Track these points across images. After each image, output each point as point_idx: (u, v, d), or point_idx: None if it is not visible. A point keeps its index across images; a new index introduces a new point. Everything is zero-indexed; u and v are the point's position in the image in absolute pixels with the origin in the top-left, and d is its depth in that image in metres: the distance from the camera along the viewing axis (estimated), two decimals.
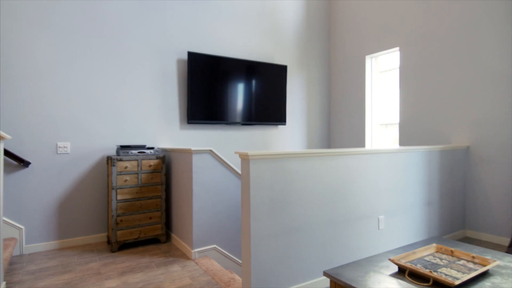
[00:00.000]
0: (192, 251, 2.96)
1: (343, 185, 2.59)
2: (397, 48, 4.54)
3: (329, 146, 5.60)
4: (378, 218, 2.82)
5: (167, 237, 3.62)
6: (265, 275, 2.17)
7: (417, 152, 3.20)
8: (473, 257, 1.76)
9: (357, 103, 5.10)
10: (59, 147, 3.37)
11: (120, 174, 3.24)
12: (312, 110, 5.39)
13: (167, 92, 4.01)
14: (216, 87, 4.26)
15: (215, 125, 4.37)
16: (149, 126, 3.88)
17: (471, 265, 1.71)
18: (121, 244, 3.25)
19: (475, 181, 3.69)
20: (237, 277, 2.60)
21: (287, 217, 2.27)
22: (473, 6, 3.68)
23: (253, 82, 4.61)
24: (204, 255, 3.02)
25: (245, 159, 2.13)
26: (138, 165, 3.34)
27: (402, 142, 4.46)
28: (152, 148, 3.51)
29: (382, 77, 4.96)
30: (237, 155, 4.53)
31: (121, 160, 3.25)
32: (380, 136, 4.99)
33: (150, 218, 3.39)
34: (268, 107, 4.73)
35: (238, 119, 4.47)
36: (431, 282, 1.51)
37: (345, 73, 5.32)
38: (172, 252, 3.17)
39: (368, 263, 1.78)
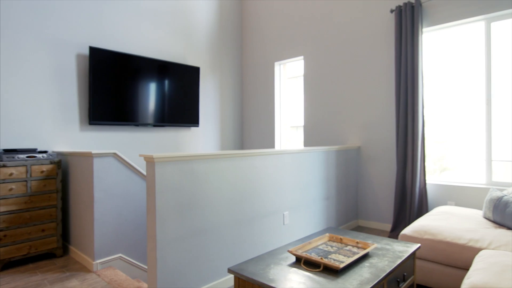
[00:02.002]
0: (94, 262, 2.74)
1: (251, 185, 2.71)
2: (302, 57, 4.93)
3: (242, 147, 5.76)
4: (283, 214, 3.02)
5: (64, 251, 3.27)
6: (173, 278, 2.13)
7: (317, 152, 3.53)
8: (357, 242, 2.02)
9: (267, 106, 5.37)
10: None
11: (3, 182, 2.81)
12: (225, 112, 5.48)
13: (64, 90, 3.63)
14: (124, 86, 4.01)
15: (123, 126, 4.11)
16: (42, 128, 3.46)
17: (355, 249, 1.96)
18: (6, 262, 2.82)
19: (365, 176, 4.23)
20: (145, 285, 2.50)
21: (195, 219, 2.28)
22: (364, 23, 4.22)
23: (166, 82, 4.48)
24: (108, 266, 2.82)
25: (150, 161, 2.07)
26: (27, 172, 2.94)
27: (306, 143, 4.85)
28: (45, 152, 3.13)
29: (291, 83, 5.32)
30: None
31: (4, 166, 2.82)
32: (290, 138, 5.34)
33: (43, 230, 3.02)
34: (181, 108, 4.66)
35: (150, 120, 4.30)
36: (321, 268, 1.69)
37: (256, 77, 5.56)
38: (70, 266, 2.88)
39: (270, 256, 1.90)
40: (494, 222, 2.61)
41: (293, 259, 1.85)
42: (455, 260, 2.27)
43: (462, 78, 3.60)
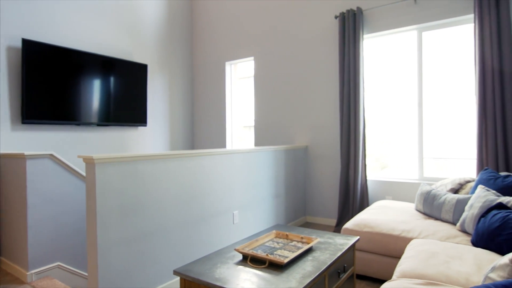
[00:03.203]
0: (28, 273, 2.53)
1: (199, 185, 2.69)
2: (252, 58, 4.99)
3: (193, 147, 5.68)
4: (233, 213, 3.04)
5: None
6: (116, 284, 2.05)
7: (266, 152, 3.60)
8: (302, 237, 2.10)
9: (219, 106, 5.35)
10: None
11: None
12: (175, 111, 5.36)
13: None
14: (64, 82, 3.74)
15: (63, 125, 3.83)
16: None
17: (300, 244, 2.04)
18: None
19: (312, 174, 4.40)
20: None
21: (140, 221, 2.21)
22: (311, 28, 4.39)
23: (111, 79, 4.27)
24: (45, 276, 2.62)
25: (90, 163, 1.96)
26: None
27: (257, 142, 4.92)
28: None
29: (243, 83, 5.36)
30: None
31: None
32: (243, 137, 5.37)
33: None
34: (127, 107, 4.46)
35: (93, 119, 4.06)
36: (267, 264, 1.74)
37: (207, 77, 5.51)
38: (0, 279, 2.62)
39: (217, 256, 1.91)
40: (424, 213, 2.87)
41: (240, 257, 1.88)
42: (390, 250, 2.47)
43: (398, 82, 3.91)
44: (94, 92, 4.07)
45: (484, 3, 3.11)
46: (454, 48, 3.56)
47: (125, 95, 4.44)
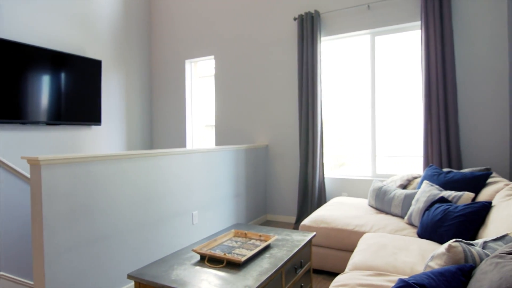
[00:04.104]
0: None
1: (157, 186, 2.62)
2: (213, 56, 4.95)
3: (151, 147, 5.52)
4: (192, 214, 3.00)
5: None
6: None
7: (227, 151, 3.60)
8: (260, 235, 2.13)
9: (178, 105, 5.25)
10: None
11: None
12: (132, 110, 5.17)
13: None
14: (9, 78, 3.46)
15: (7, 124, 3.54)
16: None
17: (258, 242, 2.06)
18: None
19: (272, 173, 4.46)
20: None
21: (93, 225, 2.11)
22: (271, 28, 4.44)
23: (62, 76, 4.02)
24: None
25: (35, 164, 1.84)
26: None
27: (218, 142, 4.89)
28: None
29: (204, 82, 5.29)
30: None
31: None
32: (205, 137, 5.31)
33: None
34: (80, 105, 4.23)
35: (42, 117, 3.80)
36: (224, 263, 1.74)
37: (166, 75, 5.38)
38: None
39: (174, 257, 1.87)
40: (376, 208, 3.03)
41: (198, 257, 1.86)
42: (345, 244, 2.57)
43: (354, 83, 4.08)
44: (43, 89, 3.81)
45: (430, 11, 3.35)
46: (404, 53, 3.79)
47: (78, 92, 4.21)
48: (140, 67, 5.31)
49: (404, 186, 3.14)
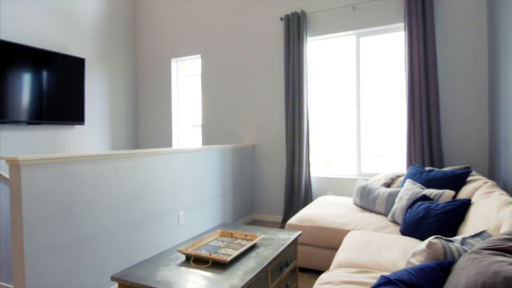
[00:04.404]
0: None
1: (142, 186, 2.59)
2: (199, 55, 4.92)
3: (137, 147, 5.45)
4: (178, 214, 2.98)
5: None
6: None
7: (213, 151, 3.58)
8: (246, 235, 2.13)
9: (164, 104, 5.19)
10: None
11: None
12: (117, 109, 5.09)
13: None
14: None
15: None
16: None
17: (244, 242, 2.06)
18: None
19: (259, 172, 4.47)
20: None
21: (76, 227, 2.07)
22: (258, 28, 4.45)
23: (43, 73, 3.92)
24: None
25: (14, 165, 1.79)
26: None
27: (205, 141, 4.87)
28: None
29: (190, 81, 5.26)
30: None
31: None
32: (192, 136, 5.27)
33: None
34: (62, 104, 4.13)
35: (23, 116, 3.70)
36: (210, 263, 1.73)
37: (152, 73, 5.31)
38: None
39: (159, 258, 1.86)
40: (361, 207, 3.07)
41: (183, 258, 1.85)
42: (330, 242, 2.60)
43: (340, 83, 4.13)
44: (24, 88, 3.71)
45: (413, 12, 3.41)
46: (389, 54, 3.85)
47: (60, 91, 4.11)
48: (125, 66, 5.24)
49: (388, 185, 3.19)
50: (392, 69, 3.82)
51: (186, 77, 5.27)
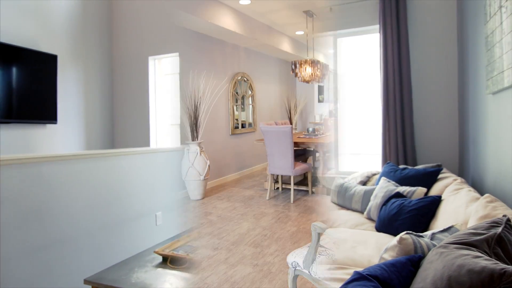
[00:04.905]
0: None
1: (118, 187, 2.53)
2: (177, 54, 4.85)
3: (113, 147, 5.31)
4: (156, 215, 2.93)
5: None
6: None
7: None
8: None
9: (142, 103, 5.09)
10: None
11: None
12: (92, 108, 4.94)
13: None
14: None
15: None
16: None
17: None
18: None
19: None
20: None
21: (46, 230, 1.99)
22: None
23: (13, 70, 3.74)
24: None
25: None
26: None
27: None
28: None
29: (169, 79, 5.17)
30: None
31: None
32: (171, 135, 5.17)
33: None
34: (33, 102, 3.97)
35: None
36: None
37: (129, 71, 5.19)
38: None
39: (135, 260, 1.82)
40: (338, 205, 3.12)
41: (160, 259, 1.82)
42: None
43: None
44: None
45: (387, 14, 3.50)
46: (366, 55, 3.94)
47: (31, 88, 3.95)
48: (101, 63, 5.09)
49: (364, 183, 3.26)
50: (370, 70, 3.91)
51: (165, 76, 5.18)
